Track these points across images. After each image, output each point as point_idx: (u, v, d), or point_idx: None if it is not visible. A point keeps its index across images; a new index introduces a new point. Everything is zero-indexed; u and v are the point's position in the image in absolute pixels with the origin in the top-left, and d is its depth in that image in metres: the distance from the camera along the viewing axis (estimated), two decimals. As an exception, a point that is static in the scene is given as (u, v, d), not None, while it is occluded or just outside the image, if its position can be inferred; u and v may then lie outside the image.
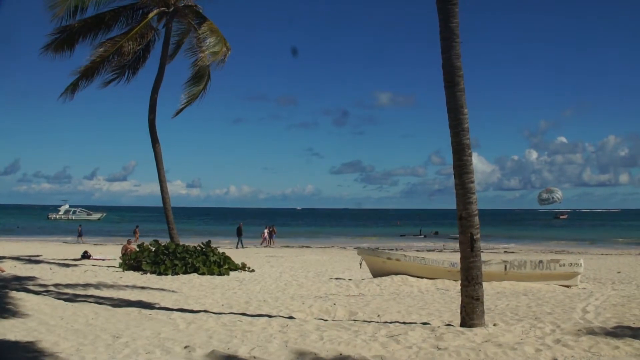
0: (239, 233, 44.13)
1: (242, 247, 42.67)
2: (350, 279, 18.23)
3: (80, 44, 22.96)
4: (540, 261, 17.49)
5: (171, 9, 23.53)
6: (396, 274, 17.69)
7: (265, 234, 46.80)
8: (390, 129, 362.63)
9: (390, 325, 9.66)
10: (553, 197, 76.93)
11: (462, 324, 9.31)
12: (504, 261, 17.84)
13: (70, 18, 21.98)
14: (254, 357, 7.46)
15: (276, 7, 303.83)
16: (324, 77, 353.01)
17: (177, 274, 18.38)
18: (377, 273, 18.26)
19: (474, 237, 9.33)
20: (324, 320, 10.32)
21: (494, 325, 9.46)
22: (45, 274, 17.84)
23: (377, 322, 10.20)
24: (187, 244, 20.77)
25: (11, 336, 8.58)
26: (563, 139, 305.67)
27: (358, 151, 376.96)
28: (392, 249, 33.75)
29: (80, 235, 52.48)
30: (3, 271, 17.96)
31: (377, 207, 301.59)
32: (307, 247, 45.36)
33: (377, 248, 30.36)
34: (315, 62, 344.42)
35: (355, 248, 32.51)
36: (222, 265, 19.39)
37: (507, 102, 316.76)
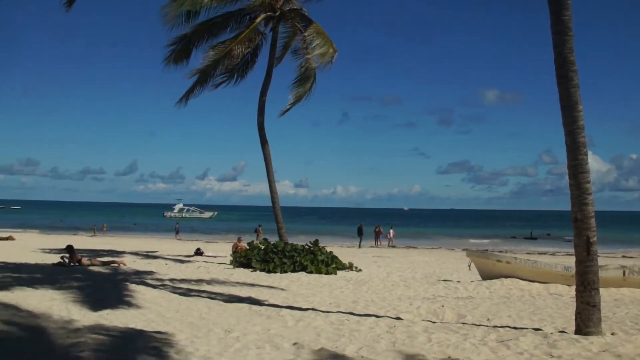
0: (359, 232, 44.65)
1: (360, 246, 43.20)
2: (458, 281, 17.91)
3: (195, 51, 23.94)
4: None
5: (277, 13, 24.01)
6: (506, 276, 17.22)
7: (391, 234, 46.78)
8: (498, 127, 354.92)
9: (500, 329, 9.42)
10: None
11: (577, 332, 8.92)
12: (623, 266, 16.93)
13: (183, 25, 22.94)
14: (362, 357, 7.49)
15: (381, 7, 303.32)
16: (428, 76, 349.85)
17: (285, 272, 18.70)
18: (486, 275, 17.86)
19: (590, 240, 8.95)
20: (432, 322, 10.22)
21: (612, 334, 8.96)
22: (162, 269, 18.65)
23: (487, 325, 9.97)
24: (295, 243, 21.09)
25: (133, 325, 9.09)
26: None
27: (465, 150, 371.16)
28: (501, 251, 32.95)
29: (177, 232, 54.70)
30: (125, 265, 18.96)
31: (486, 207, 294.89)
32: (414, 247, 44.92)
33: (487, 250, 29.76)
34: (419, 62, 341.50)
35: (463, 250, 31.94)
36: (329, 265, 19.55)
37: (621, 97, 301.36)
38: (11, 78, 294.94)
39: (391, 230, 47.52)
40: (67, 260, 18.38)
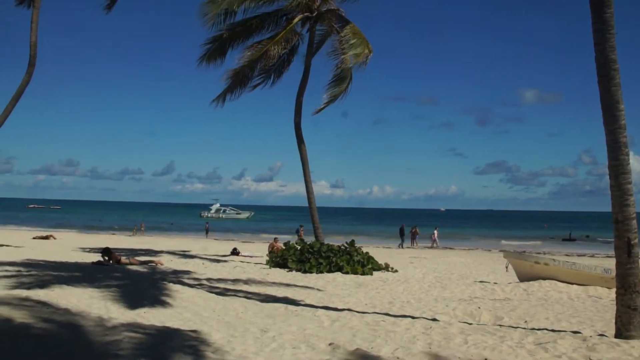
0: (401, 233, 44.75)
1: (402, 247, 43.39)
2: (495, 283, 17.72)
3: (230, 52, 24.17)
4: None
5: (314, 14, 24.02)
6: (544, 278, 16.97)
7: (435, 235, 46.50)
8: (537, 127, 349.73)
9: (538, 332, 9.29)
10: None
11: (617, 335, 8.75)
12: None
13: (221, 25, 23.20)
14: (397, 358, 7.46)
15: (418, 6, 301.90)
16: (464, 75, 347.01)
17: (321, 272, 18.71)
18: (523, 277, 17.64)
19: (631, 241, 8.77)
20: (468, 324, 10.13)
21: (653, 337, 8.81)
22: (198, 269, 18.83)
23: (524, 328, 9.85)
24: (331, 243, 21.09)
25: (170, 324, 9.21)
26: None
27: (503, 151, 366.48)
28: (539, 253, 32.48)
29: (207, 232, 55.31)
30: (162, 264, 19.20)
31: (524, 208, 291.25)
32: (450, 248, 44.59)
33: (524, 251, 29.38)
34: (456, 61, 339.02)
35: (500, 251, 31.63)
36: (365, 265, 19.51)
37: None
38: (50, 79, 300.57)
39: (435, 232, 47.07)
40: (106, 258, 18.70)
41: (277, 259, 20.43)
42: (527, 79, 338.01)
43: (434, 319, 10.63)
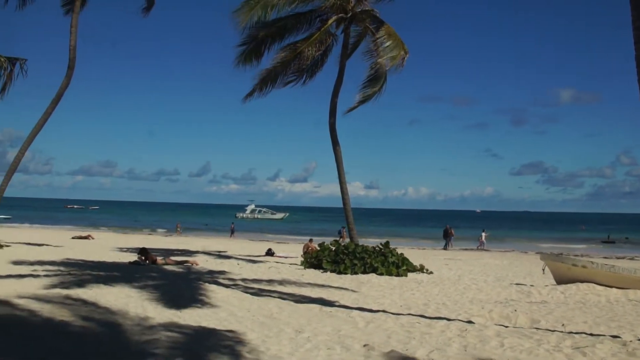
0: (445, 235, 44.68)
1: (446, 248, 43.30)
2: (532, 285, 17.50)
3: (266, 52, 24.30)
4: None
5: (349, 15, 23.97)
6: (582, 281, 16.70)
7: (483, 237, 45.95)
8: (574, 127, 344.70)
9: (576, 336, 9.14)
10: None
11: (659, 339, 8.60)
12: None
13: (254, 27, 23.32)
14: (432, 360, 7.43)
15: (451, 6, 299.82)
16: (499, 75, 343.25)
17: (356, 273, 18.68)
18: (561, 280, 17.39)
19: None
20: (505, 327, 10.03)
21: (697, 342, 8.61)
22: (233, 269, 18.96)
23: (562, 332, 9.70)
24: (365, 244, 21.06)
25: (205, 324, 9.32)
26: None
27: (539, 151, 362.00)
28: (577, 255, 31.99)
29: (232, 232, 55.75)
30: (197, 264, 19.39)
31: (561, 210, 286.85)
32: (486, 250, 44.17)
33: (561, 253, 28.96)
34: (490, 60, 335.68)
35: (537, 253, 31.21)
36: (400, 267, 19.43)
37: None
38: (89, 82, 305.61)
39: (483, 234, 46.50)
40: (143, 258, 18.95)
41: (312, 260, 20.46)
42: (564, 78, 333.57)
43: (470, 322, 10.55)
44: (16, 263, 16.84)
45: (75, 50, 24.45)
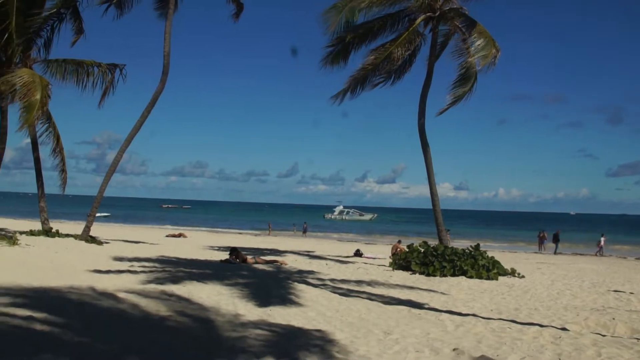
0: (555, 239, 43.55)
1: (556, 253, 42.09)
2: (631, 293, 16.71)
3: (353, 53, 24.35)
4: None
5: (437, 14, 23.65)
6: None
7: (602, 242, 44.23)
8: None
9: (682, 345, 8.68)
10: None
11: None
12: None
13: (342, 30, 23.45)
14: (525, 366, 7.23)
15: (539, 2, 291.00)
16: (593, 71, 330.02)
17: (445, 275, 18.44)
18: (664, 287, 16.56)
19: None
20: (602, 336, 9.63)
21: None
22: (322, 269, 19.08)
23: (665, 342, 9.23)
24: (455, 247, 20.75)
25: (294, 322, 9.42)
26: None
27: (638, 151, 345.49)
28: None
29: (304, 231, 56.11)
30: (286, 264, 19.64)
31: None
32: (581, 255, 42.56)
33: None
34: (583, 56, 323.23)
35: (637, 258, 29.83)
36: (490, 270, 19.02)
37: None
38: (179, 85, 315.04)
39: (602, 238, 44.27)
40: (234, 257, 19.37)
41: (400, 261, 20.34)
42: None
43: (564, 329, 10.19)
44: (115, 259, 17.63)
45: (169, 56, 25.25)
